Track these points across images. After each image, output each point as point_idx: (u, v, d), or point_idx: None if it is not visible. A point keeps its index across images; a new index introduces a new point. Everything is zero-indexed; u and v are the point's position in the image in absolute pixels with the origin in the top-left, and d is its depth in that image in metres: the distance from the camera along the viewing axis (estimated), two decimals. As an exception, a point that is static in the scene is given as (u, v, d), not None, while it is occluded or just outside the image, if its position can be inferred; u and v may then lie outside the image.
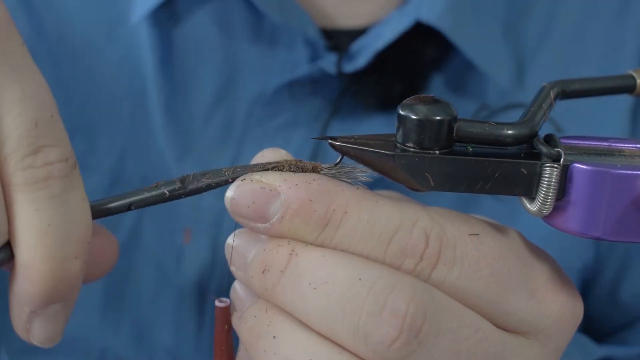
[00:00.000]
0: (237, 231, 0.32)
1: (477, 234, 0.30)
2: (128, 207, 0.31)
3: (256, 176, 0.30)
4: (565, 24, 0.61)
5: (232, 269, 0.32)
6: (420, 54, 0.57)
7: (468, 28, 0.57)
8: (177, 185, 0.31)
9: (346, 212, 0.29)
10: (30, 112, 0.27)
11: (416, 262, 0.29)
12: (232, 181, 0.31)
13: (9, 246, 0.28)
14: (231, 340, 0.33)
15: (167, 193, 0.31)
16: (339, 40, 0.59)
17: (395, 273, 0.29)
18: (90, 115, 0.59)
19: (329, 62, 0.57)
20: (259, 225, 0.30)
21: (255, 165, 0.31)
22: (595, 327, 0.66)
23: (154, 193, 0.31)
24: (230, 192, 0.30)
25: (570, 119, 0.58)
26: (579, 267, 0.62)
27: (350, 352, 0.29)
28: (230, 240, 0.32)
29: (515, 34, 0.61)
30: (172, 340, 0.60)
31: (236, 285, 0.33)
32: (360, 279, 0.28)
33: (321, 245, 0.30)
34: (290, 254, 0.29)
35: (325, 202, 0.29)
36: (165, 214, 0.59)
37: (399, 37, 0.55)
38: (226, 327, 0.33)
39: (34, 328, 0.29)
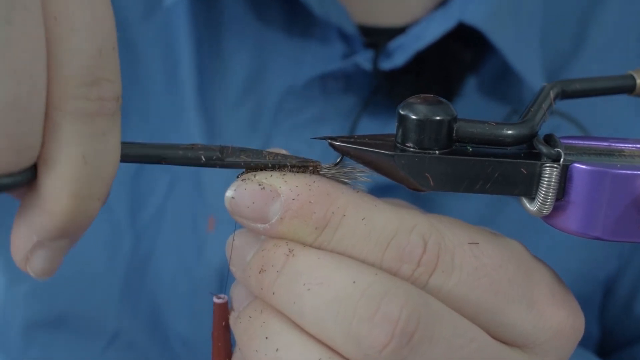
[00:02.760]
0: (237, 231, 0.32)
1: (477, 243, 0.30)
2: (159, 161, 0.30)
3: (257, 176, 0.30)
4: (601, 32, 0.61)
5: (232, 268, 0.32)
6: (458, 56, 0.57)
7: (510, 31, 0.57)
8: (216, 154, 0.31)
9: (345, 215, 0.29)
10: (97, 38, 0.26)
11: (413, 267, 0.29)
12: (271, 166, 0.31)
13: (32, 170, 0.27)
14: (229, 337, 0.34)
15: (204, 158, 0.30)
16: (376, 37, 0.58)
17: (390, 278, 0.29)
18: (122, 93, 0.59)
19: (364, 58, 0.56)
20: (259, 225, 0.30)
21: (289, 156, 0.31)
22: (609, 339, 0.65)
23: (190, 154, 0.30)
24: (230, 192, 0.31)
25: (597, 121, 0.58)
26: (602, 278, 0.61)
27: (341, 355, 0.29)
28: (230, 239, 0.32)
29: (551, 39, 0.60)
30: (187, 329, 0.60)
31: (235, 286, 0.33)
32: (354, 282, 0.28)
33: (319, 247, 0.30)
34: (287, 255, 0.30)
35: (324, 205, 0.29)
36: (190, 199, 0.59)
37: (440, 39, 0.55)
38: (224, 323, 0.33)
39: (34, 258, 0.28)
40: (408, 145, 0.30)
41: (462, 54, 0.57)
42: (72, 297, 0.62)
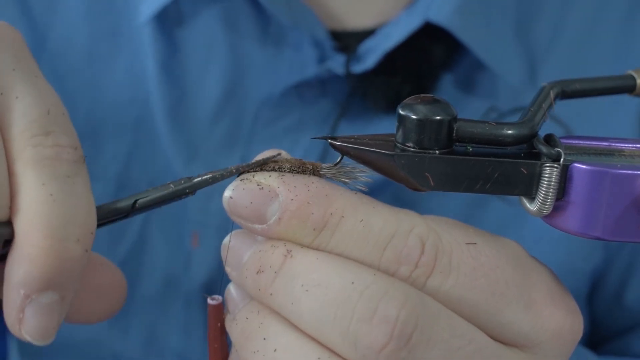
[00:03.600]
0: (233, 232, 0.32)
1: (475, 244, 0.30)
2: (133, 205, 0.31)
3: (255, 176, 0.30)
4: (576, 24, 0.61)
5: (227, 269, 0.32)
6: (429, 55, 0.57)
7: (477, 27, 0.57)
8: (183, 180, 0.31)
9: (343, 217, 0.29)
10: (43, 103, 0.29)
11: (411, 269, 0.29)
12: (237, 173, 0.31)
13: (8, 226, 0.28)
14: (225, 338, 0.34)
15: (173, 186, 0.31)
16: (347, 41, 0.59)
17: (389, 279, 0.29)
18: (95, 123, 0.59)
19: (337, 63, 0.57)
20: (256, 226, 0.30)
21: (257, 162, 0.31)
22: (599, 330, 0.65)
23: (159, 190, 0.31)
24: (228, 192, 0.31)
25: (581, 121, 0.58)
26: (588, 270, 0.62)
27: (340, 356, 0.29)
28: (226, 240, 0.32)
29: (526, 33, 0.60)
30: (181, 344, 0.60)
31: (230, 287, 0.33)
32: (352, 283, 0.28)
33: (317, 249, 0.30)
34: (285, 255, 0.29)
35: (322, 206, 0.29)
36: (173, 217, 0.59)
37: (408, 38, 0.55)
38: (219, 324, 0.33)
39: (27, 318, 0.28)
40: (408, 145, 0.30)
41: (432, 52, 0.57)
42: (68, 326, 0.62)
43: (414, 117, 0.30)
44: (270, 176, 0.30)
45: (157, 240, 0.60)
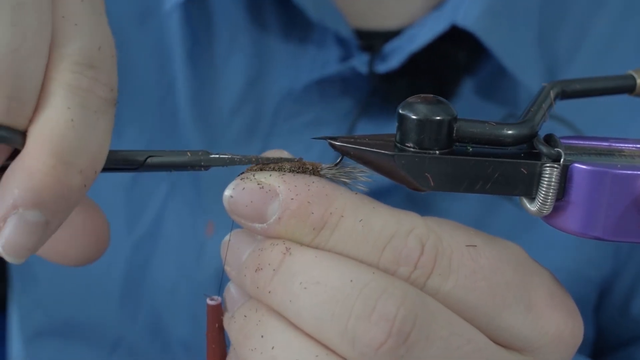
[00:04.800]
0: (233, 231, 0.32)
1: (475, 246, 0.30)
2: (144, 160, 0.31)
3: (256, 176, 0.31)
4: (599, 33, 0.61)
5: (227, 268, 0.32)
6: (452, 58, 0.57)
7: (503, 33, 0.57)
8: (200, 152, 0.31)
9: (342, 216, 0.29)
10: (96, 38, 0.29)
11: (410, 270, 0.29)
12: (256, 163, 0.31)
13: (21, 136, 0.28)
14: (223, 339, 0.34)
15: (189, 155, 0.31)
16: (372, 41, 0.59)
17: (388, 277, 0.29)
18: (118, 105, 0.59)
19: (361, 62, 0.57)
20: (256, 225, 0.30)
21: (268, 158, 0.31)
22: (604, 339, 0.65)
23: (175, 154, 0.31)
24: (228, 191, 0.31)
25: (592, 122, 0.58)
26: (597, 279, 0.61)
27: (337, 354, 0.28)
28: (226, 239, 0.32)
29: (548, 41, 0.60)
30: (188, 333, 0.60)
31: (230, 286, 0.33)
32: (351, 281, 0.28)
33: (316, 247, 0.30)
34: (284, 253, 0.29)
35: (322, 205, 0.29)
36: (189, 205, 0.59)
37: (434, 41, 0.55)
38: (217, 325, 0.33)
39: (6, 228, 0.27)
40: (408, 145, 0.30)
41: (456, 55, 0.57)
42: (74, 305, 0.63)
43: (413, 117, 0.30)
44: (270, 175, 0.30)
45: (173, 226, 0.60)
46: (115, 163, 0.31)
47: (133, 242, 0.60)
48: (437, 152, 0.30)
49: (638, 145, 0.31)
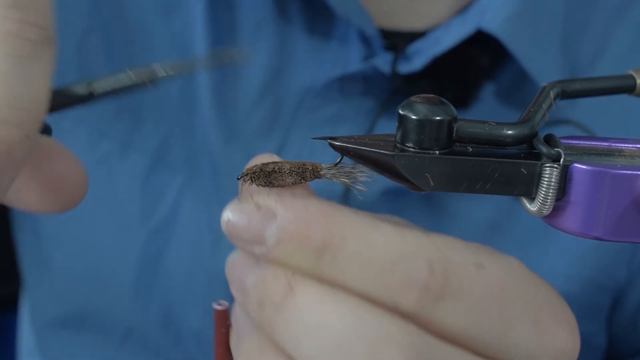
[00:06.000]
0: (236, 251, 0.31)
1: (483, 264, 0.29)
2: (90, 91, 0.30)
3: (254, 196, 0.30)
4: (622, 42, 0.61)
5: (232, 290, 0.31)
6: (475, 62, 0.57)
7: (527, 38, 0.57)
8: (143, 69, 0.30)
9: (344, 239, 0.28)
10: None
11: (419, 294, 0.27)
12: (202, 65, 0.31)
13: None
14: (228, 347, 0.33)
15: (133, 76, 0.30)
16: (396, 41, 0.59)
17: (392, 320, 0.27)
18: (139, 94, 0.59)
19: (383, 61, 0.57)
20: (255, 248, 0.29)
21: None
22: (617, 348, 0.65)
23: (118, 78, 0.30)
24: (226, 213, 0.30)
25: (603, 123, 0.58)
26: (612, 286, 0.61)
27: None
28: (230, 258, 0.31)
29: (572, 45, 0.60)
30: (200, 325, 0.60)
31: (236, 307, 0.32)
32: (354, 326, 0.27)
33: (320, 276, 0.28)
34: (287, 291, 0.28)
35: (322, 227, 0.28)
36: (206, 196, 0.59)
37: (458, 44, 0.55)
38: (223, 330, 0.33)
39: None
40: (408, 145, 0.30)
41: (479, 59, 0.57)
42: (87, 295, 0.63)
43: (413, 117, 0.29)
44: (268, 196, 0.29)
45: (189, 217, 0.60)
46: (61, 102, 0.30)
47: (148, 232, 0.60)
48: (437, 152, 0.30)
49: (638, 145, 0.31)
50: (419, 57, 0.56)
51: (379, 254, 0.28)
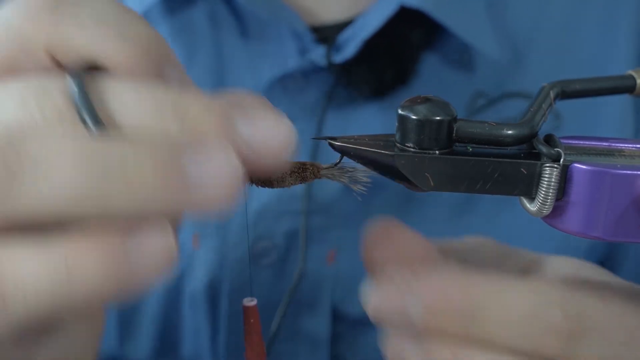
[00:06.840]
0: (392, 338, 0.32)
1: (607, 300, 0.30)
2: None
3: (387, 275, 0.31)
4: (561, 7, 0.62)
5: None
6: (408, 38, 0.59)
7: (451, 7, 0.58)
8: None
9: (483, 305, 0.29)
10: None
11: (558, 338, 0.29)
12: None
13: None
14: (261, 338, 0.34)
15: None
16: (326, 33, 0.60)
17: None
18: None
19: (318, 55, 0.58)
20: (405, 328, 0.30)
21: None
22: None
23: None
24: (369, 298, 0.31)
25: (571, 118, 0.58)
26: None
27: None
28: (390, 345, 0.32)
29: (499, 14, 0.62)
30: (192, 347, 0.60)
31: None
32: None
33: (471, 340, 0.30)
34: None
35: (461, 294, 0.29)
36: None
37: (386, 24, 0.57)
38: (252, 320, 0.34)
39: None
40: (408, 145, 0.30)
41: (411, 35, 0.59)
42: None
43: (413, 117, 0.29)
44: (402, 272, 0.31)
45: None
46: None
47: None
48: (437, 152, 0.30)
49: (638, 145, 0.31)
50: (350, 44, 0.58)
51: (517, 310, 0.29)
